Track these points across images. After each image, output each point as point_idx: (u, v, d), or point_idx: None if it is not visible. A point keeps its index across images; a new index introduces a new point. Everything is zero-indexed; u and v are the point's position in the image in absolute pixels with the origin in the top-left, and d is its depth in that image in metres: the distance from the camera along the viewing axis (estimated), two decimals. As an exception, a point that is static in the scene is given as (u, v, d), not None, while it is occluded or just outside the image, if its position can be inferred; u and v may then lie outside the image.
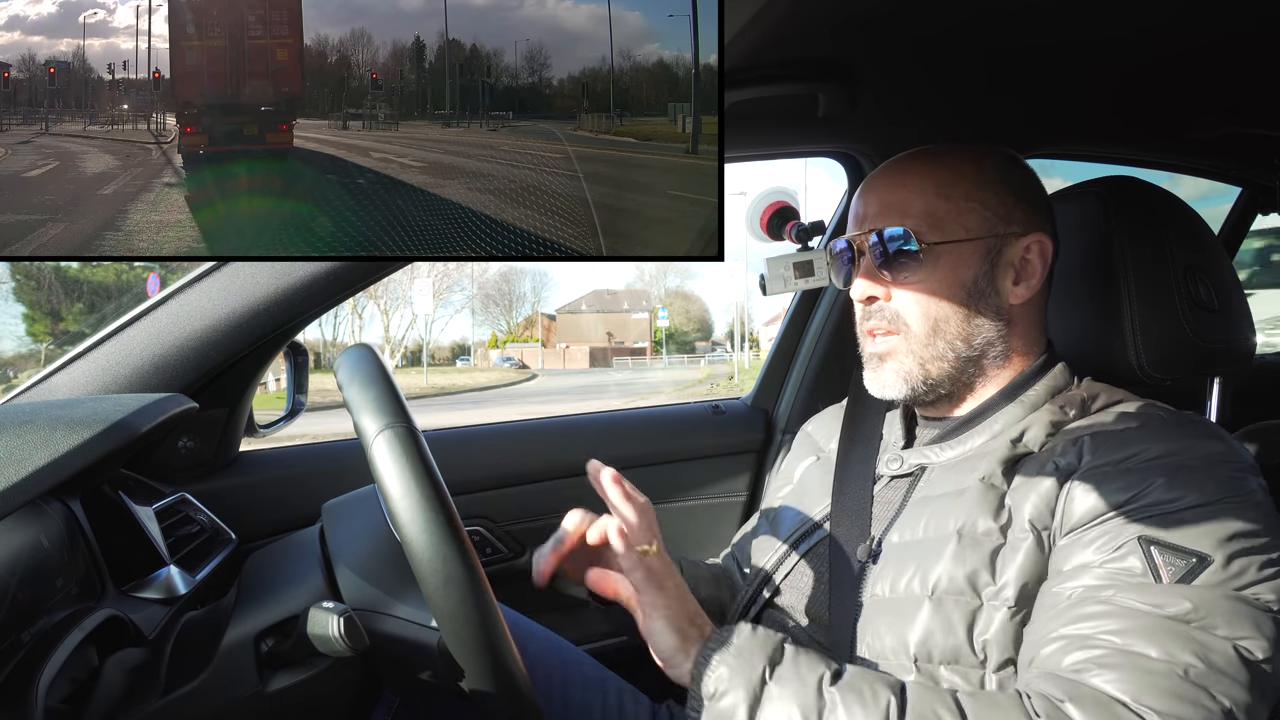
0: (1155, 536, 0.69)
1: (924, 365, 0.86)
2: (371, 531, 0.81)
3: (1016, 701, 0.66)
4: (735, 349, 32.74)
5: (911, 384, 0.87)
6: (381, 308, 31.64)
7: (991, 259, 0.86)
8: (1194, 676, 0.63)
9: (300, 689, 0.77)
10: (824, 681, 0.69)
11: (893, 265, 0.85)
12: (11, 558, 0.70)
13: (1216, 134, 1.43)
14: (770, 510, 1.06)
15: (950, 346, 0.86)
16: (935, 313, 0.85)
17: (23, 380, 1.04)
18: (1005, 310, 0.86)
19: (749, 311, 33.43)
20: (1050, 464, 0.77)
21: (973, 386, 0.88)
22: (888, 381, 0.88)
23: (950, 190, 0.86)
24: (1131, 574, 0.68)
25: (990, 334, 0.86)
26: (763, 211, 1.16)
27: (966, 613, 0.74)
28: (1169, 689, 0.63)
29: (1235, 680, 0.64)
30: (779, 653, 0.72)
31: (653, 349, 46.37)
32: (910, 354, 0.86)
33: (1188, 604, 0.66)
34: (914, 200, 0.86)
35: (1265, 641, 0.65)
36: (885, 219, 0.86)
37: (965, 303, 0.85)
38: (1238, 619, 0.66)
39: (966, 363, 0.87)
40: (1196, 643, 0.65)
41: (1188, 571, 0.67)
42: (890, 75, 1.15)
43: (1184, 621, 0.66)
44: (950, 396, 0.89)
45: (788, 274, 1.09)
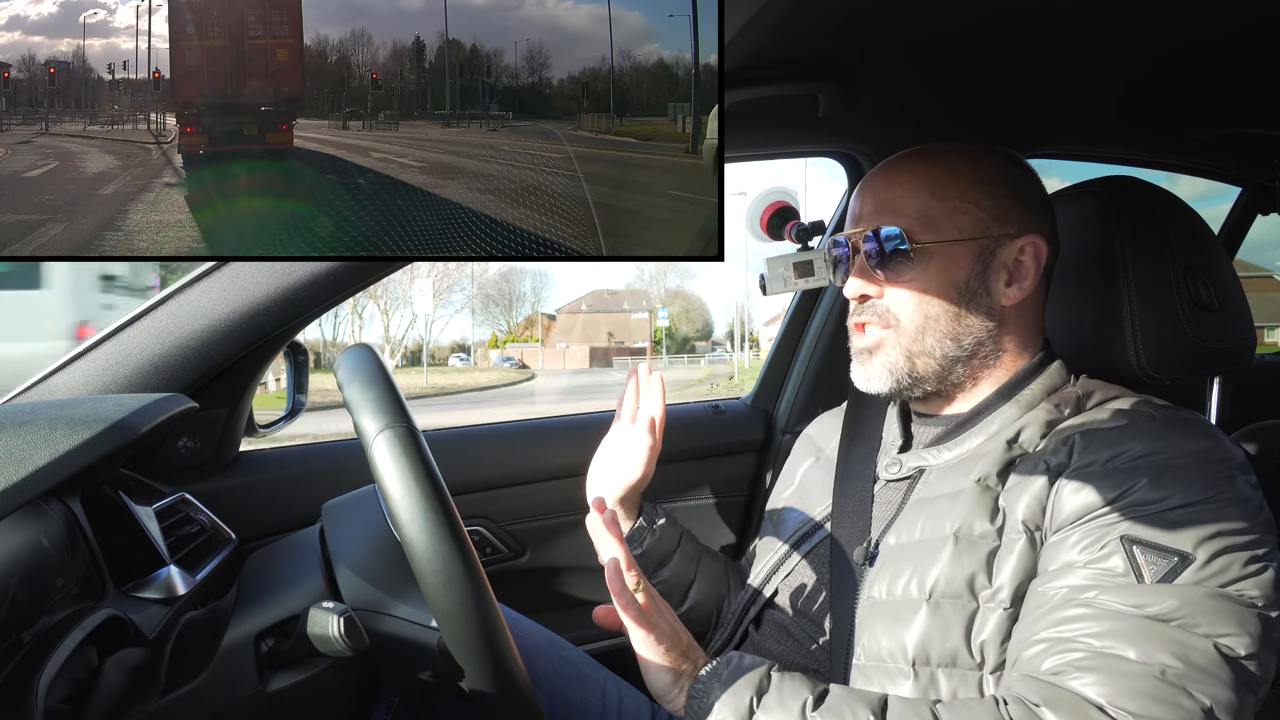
0: (1138, 536, 0.69)
1: (911, 359, 0.87)
2: (371, 531, 0.81)
3: (993, 709, 0.66)
4: (735, 349, 32.74)
5: (897, 377, 0.87)
6: (381, 308, 31.62)
7: (984, 260, 0.86)
8: (1171, 677, 0.64)
9: (300, 689, 0.77)
10: (807, 707, 0.71)
11: (886, 264, 0.86)
12: (11, 558, 0.70)
13: (1216, 134, 1.43)
14: (773, 512, 1.06)
15: (939, 344, 0.86)
16: (926, 311, 0.86)
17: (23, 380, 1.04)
18: (997, 311, 0.87)
19: (749, 311, 33.45)
20: (1042, 463, 0.77)
21: (963, 385, 0.89)
22: (873, 374, 0.89)
23: (945, 190, 0.86)
24: (1114, 574, 0.69)
25: (980, 334, 0.86)
26: (763, 211, 1.16)
27: (964, 616, 0.75)
28: (1146, 690, 0.63)
29: (1216, 678, 0.64)
30: (765, 681, 0.74)
31: (653, 349, 46.37)
32: (898, 347, 0.87)
33: (1169, 603, 0.66)
34: (909, 200, 0.86)
35: (1248, 638, 0.66)
36: (880, 218, 0.87)
37: (956, 302, 0.86)
38: (1220, 616, 0.66)
39: (954, 361, 0.87)
40: (1176, 642, 0.65)
41: (1169, 570, 0.67)
42: (890, 75, 1.15)
43: (1164, 621, 0.66)
44: (940, 394, 0.90)
45: (788, 274, 1.09)
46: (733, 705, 0.72)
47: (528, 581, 1.41)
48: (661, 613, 0.80)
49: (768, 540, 1.02)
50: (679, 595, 1.06)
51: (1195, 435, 0.75)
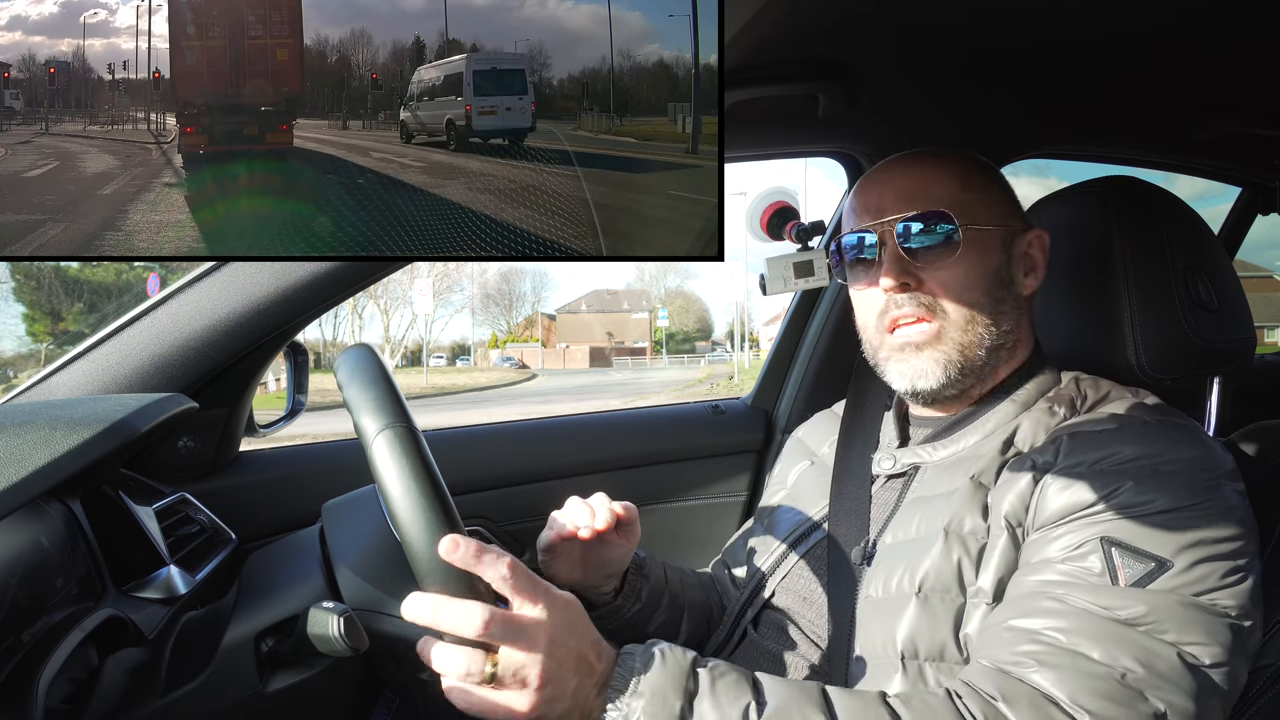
0: (1118, 538, 0.69)
1: (963, 351, 0.85)
2: (371, 531, 0.81)
3: (948, 702, 0.65)
4: (735, 349, 32.74)
5: (949, 371, 0.85)
6: (381, 308, 31.64)
7: (1007, 249, 0.87)
8: (1131, 680, 0.63)
9: (300, 689, 0.77)
10: (750, 713, 0.63)
11: (925, 252, 0.84)
12: (11, 558, 0.70)
13: (1216, 134, 1.43)
14: (765, 511, 1.06)
15: (987, 332, 0.85)
16: (969, 299, 0.85)
17: (23, 380, 1.04)
18: (1020, 301, 0.88)
19: (749, 311, 33.45)
20: (1029, 461, 0.78)
21: (985, 379, 0.88)
22: (924, 369, 0.85)
23: (970, 182, 0.87)
24: (1089, 573, 0.69)
25: (1011, 323, 0.87)
26: (763, 211, 1.15)
27: (952, 610, 0.75)
28: (1106, 692, 0.63)
29: (1175, 685, 0.64)
30: (693, 682, 0.64)
31: (653, 349, 46.36)
32: (950, 340, 0.85)
33: (1139, 608, 0.66)
34: (941, 188, 0.86)
35: (1218, 648, 0.66)
36: (912, 205, 0.85)
37: (991, 291, 0.86)
38: (1189, 625, 0.66)
39: (992, 351, 0.86)
40: (1141, 647, 0.65)
41: (1145, 575, 0.67)
42: (890, 75, 1.15)
43: (1131, 625, 0.66)
44: (960, 396, 0.89)
45: (788, 274, 1.09)
46: (662, 715, 0.62)
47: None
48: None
49: (762, 539, 1.01)
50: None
51: (1186, 442, 0.75)
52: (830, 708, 0.65)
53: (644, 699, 0.62)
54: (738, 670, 0.67)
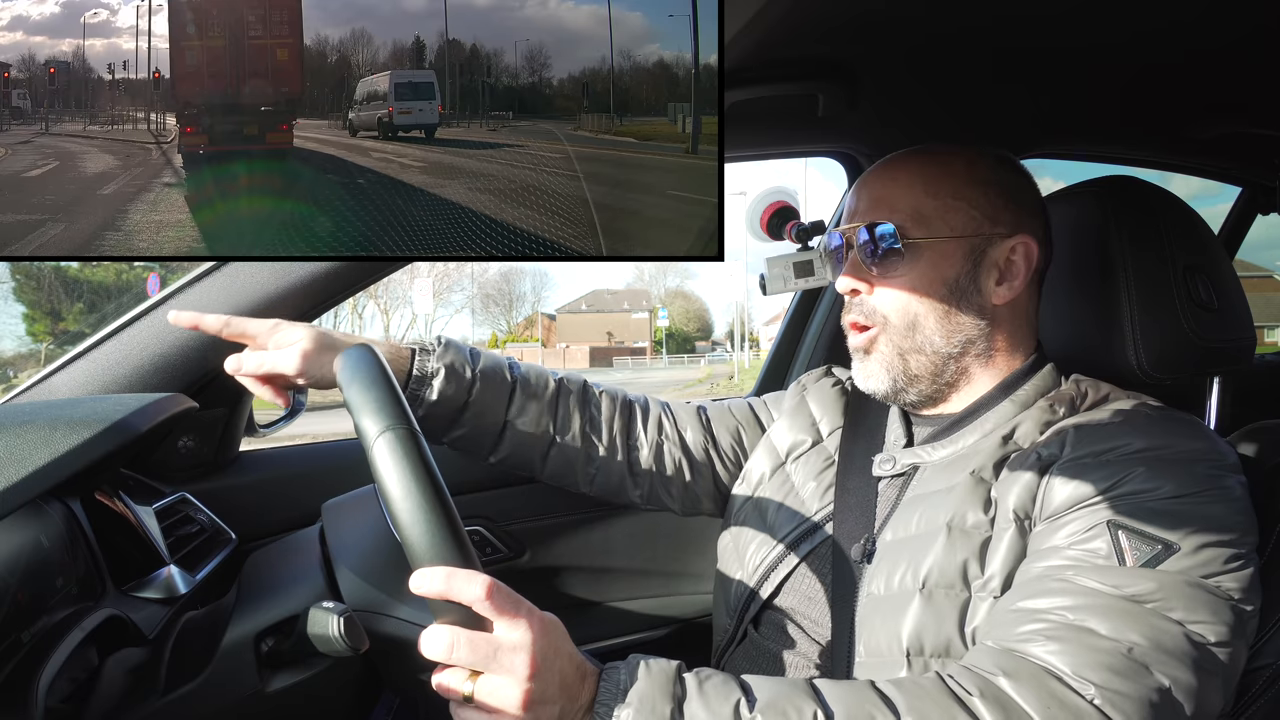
0: (1125, 523, 0.70)
1: (904, 357, 0.87)
2: (371, 531, 0.81)
3: (939, 682, 0.65)
4: (735, 349, 32.73)
5: (893, 376, 0.88)
6: (381, 308, 31.66)
7: (975, 258, 0.86)
8: (1137, 654, 0.64)
9: (300, 689, 0.77)
10: (740, 709, 0.63)
11: (878, 260, 0.86)
12: (11, 558, 0.70)
13: (1216, 134, 1.43)
14: (763, 501, 1.03)
15: (929, 341, 0.86)
16: (914, 308, 0.86)
17: (23, 380, 1.04)
18: (988, 309, 0.87)
19: (749, 311, 33.46)
20: (1034, 455, 0.78)
21: (957, 385, 0.89)
22: (871, 373, 0.89)
23: (938, 188, 0.87)
24: (1096, 556, 0.69)
25: (971, 332, 0.87)
26: (763, 211, 1.15)
27: (957, 605, 0.75)
28: (1110, 665, 0.63)
29: (1181, 662, 0.64)
30: (680, 687, 0.65)
31: (653, 349, 46.37)
32: (890, 345, 0.88)
33: (1148, 584, 0.67)
34: (902, 196, 0.87)
35: (1223, 627, 0.66)
36: (874, 214, 0.88)
37: (945, 299, 0.86)
38: (1196, 604, 0.66)
39: (946, 359, 0.87)
40: (1148, 624, 0.65)
41: (1152, 557, 0.68)
42: (890, 75, 1.15)
43: (1139, 602, 0.66)
44: (935, 397, 0.90)
45: (788, 274, 1.09)
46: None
47: (527, 581, 1.41)
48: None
49: (759, 536, 1.00)
50: (488, 444, 0.99)
51: (1191, 435, 0.76)
52: (820, 696, 0.65)
53: (632, 707, 0.63)
54: (723, 673, 0.67)
